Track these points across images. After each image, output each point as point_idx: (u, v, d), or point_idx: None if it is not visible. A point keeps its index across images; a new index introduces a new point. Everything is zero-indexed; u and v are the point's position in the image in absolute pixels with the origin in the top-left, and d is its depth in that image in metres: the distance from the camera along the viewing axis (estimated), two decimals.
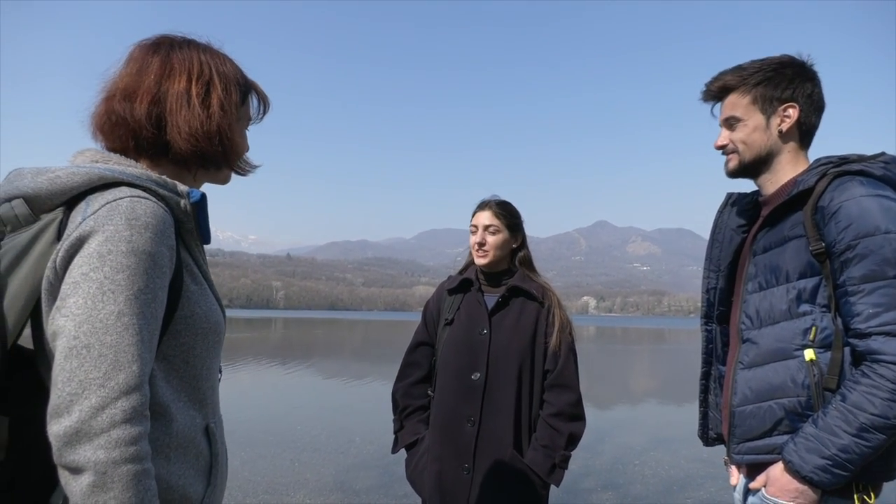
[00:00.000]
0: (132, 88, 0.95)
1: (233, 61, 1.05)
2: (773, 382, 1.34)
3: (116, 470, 0.75)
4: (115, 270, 0.79)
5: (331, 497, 4.72)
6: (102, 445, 0.74)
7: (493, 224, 2.06)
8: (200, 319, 0.94)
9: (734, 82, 1.47)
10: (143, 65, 0.97)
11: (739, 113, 1.46)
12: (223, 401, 1.12)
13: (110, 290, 0.79)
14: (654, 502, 4.77)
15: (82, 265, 0.79)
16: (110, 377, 0.77)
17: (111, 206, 0.83)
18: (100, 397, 0.75)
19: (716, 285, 1.59)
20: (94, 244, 0.80)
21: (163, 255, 0.85)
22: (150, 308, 0.82)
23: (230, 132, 1.01)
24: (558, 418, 1.94)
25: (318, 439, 6.85)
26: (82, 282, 0.79)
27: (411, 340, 2.22)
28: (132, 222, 0.82)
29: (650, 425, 8.41)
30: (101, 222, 0.81)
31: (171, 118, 0.95)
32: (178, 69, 0.97)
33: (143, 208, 0.84)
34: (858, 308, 1.23)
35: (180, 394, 0.93)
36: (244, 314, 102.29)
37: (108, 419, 0.75)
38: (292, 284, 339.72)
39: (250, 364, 16.11)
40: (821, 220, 1.30)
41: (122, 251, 0.80)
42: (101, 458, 0.74)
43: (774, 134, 1.45)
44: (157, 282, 0.84)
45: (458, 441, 1.94)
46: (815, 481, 1.24)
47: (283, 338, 32.76)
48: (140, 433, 0.78)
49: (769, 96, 1.43)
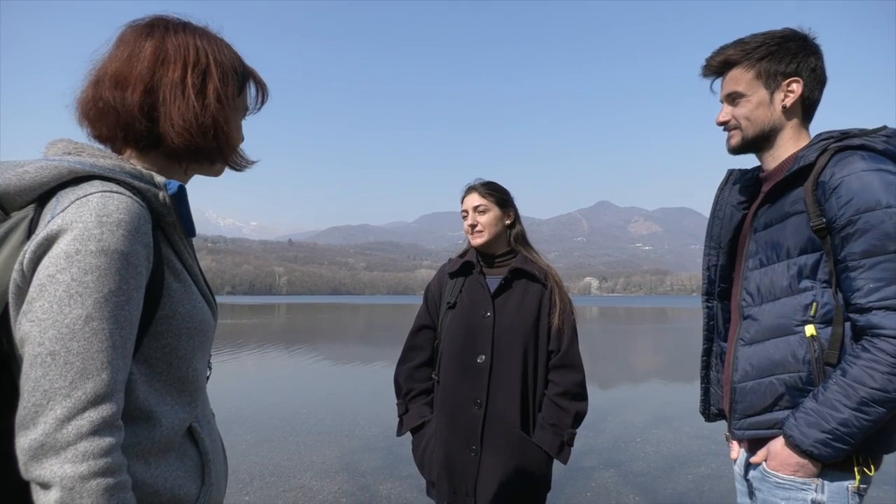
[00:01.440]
0: (123, 75, 0.89)
1: (230, 47, 0.99)
2: (774, 358, 1.35)
3: (85, 485, 0.70)
4: (84, 272, 0.74)
5: (336, 478, 4.78)
6: (69, 459, 0.70)
7: (482, 203, 2.08)
8: (184, 319, 0.89)
9: (737, 56, 1.44)
10: (134, 49, 0.90)
11: (742, 88, 1.44)
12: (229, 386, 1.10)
13: (77, 294, 0.74)
14: (656, 479, 4.82)
15: (49, 267, 0.74)
16: (77, 386, 0.72)
17: (80, 203, 0.78)
18: (65, 408, 0.71)
19: (716, 262, 1.59)
20: (62, 244, 0.75)
21: (138, 253, 0.79)
22: (122, 311, 0.77)
23: (226, 125, 0.95)
24: (564, 397, 1.96)
25: (322, 422, 6.91)
26: (48, 284, 0.74)
27: (413, 324, 2.22)
28: (103, 219, 0.76)
29: (652, 403, 8.46)
30: (70, 220, 0.76)
31: (165, 109, 0.90)
32: (174, 56, 0.91)
33: (114, 204, 0.78)
34: (859, 283, 1.23)
35: (164, 397, 0.88)
36: (247, 300, 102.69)
37: (75, 431, 0.71)
38: (295, 270, 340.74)
39: (255, 349, 16.22)
40: (822, 195, 1.29)
41: (91, 251, 0.75)
42: (67, 473, 0.70)
43: (778, 109, 1.42)
44: (132, 282, 0.78)
45: (464, 423, 1.95)
46: (816, 455, 1.25)
47: (286, 323, 32.93)
48: (111, 445, 0.73)
49: (773, 71, 1.40)
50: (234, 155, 1.01)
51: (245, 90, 1.02)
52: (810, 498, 1.29)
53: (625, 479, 4.79)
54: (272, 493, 4.42)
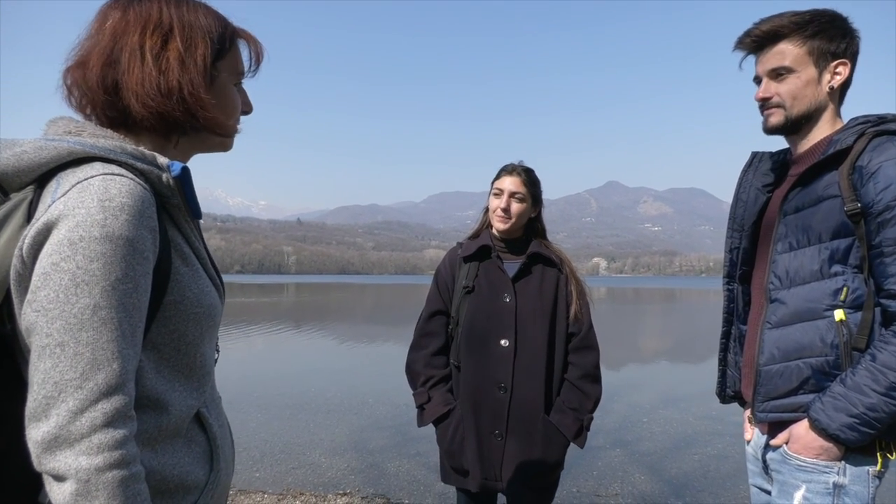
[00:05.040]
0: (87, 51, 0.86)
1: (210, 8, 0.92)
2: (802, 342, 1.33)
3: (100, 477, 0.70)
4: (89, 259, 0.72)
5: (345, 456, 4.84)
6: (84, 451, 0.70)
7: (520, 192, 2.02)
8: (192, 304, 0.87)
9: (787, 29, 1.36)
10: (100, 24, 0.87)
11: (791, 62, 1.37)
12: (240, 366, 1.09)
13: (84, 282, 0.72)
14: (663, 459, 4.84)
15: (52, 254, 0.72)
16: (88, 377, 0.71)
17: (82, 187, 0.75)
18: (78, 400, 0.70)
19: (739, 245, 1.56)
20: (64, 230, 0.72)
21: (143, 238, 0.76)
22: (130, 299, 0.75)
23: (194, 89, 0.88)
24: (585, 380, 1.97)
25: (331, 401, 6.99)
26: (53, 273, 0.72)
27: (424, 309, 2.16)
28: (105, 204, 0.74)
29: (660, 384, 8.47)
30: (71, 205, 0.73)
31: (125, 79, 0.84)
32: (134, 23, 0.86)
33: (117, 187, 0.75)
34: (893, 269, 1.23)
35: (173, 383, 0.87)
36: (257, 280, 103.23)
37: (89, 423, 0.70)
38: (303, 249, 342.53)
39: (265, 329, 16.39)
40: (858, 180, 1.26)
41: (95, 237, 0.72)
42: (83, 465, 0.69)
43: (824, 90, 1.37)
44: (138, 269, 0.76)
45: (490, 408, 1.94)
46: (842, 439, 1.25)
47: (295, 302, 33.22)
48: (124, 436, 0.73)
49: (825, 50, 1.35)
50: (217, 123, 0.93)
51: (232, 53, 0.95)
52: (832, 481, 1.29)
53: (631, 459, 4.81)
54: (282, 470, 4.48)
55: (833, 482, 1.29)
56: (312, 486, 4.09)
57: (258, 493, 3.89)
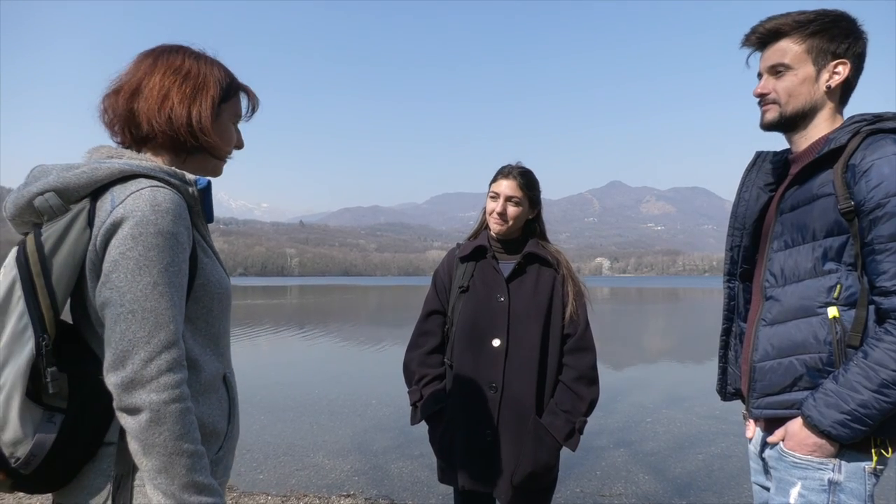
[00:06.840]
0: (121, 83, 1.11)
1: (223, 66, 1.19)
2: (796, 339, 1.34)
3: (167, 408, 0.93)
4: (147, 249, 0.95)
5: (348, 458, 4.85)
6: (154, 389, 0.92)
7: (516, 196, 2.02)
8: (214, 286, 1.11)
9: (789, 27, 1.38)
10: (136, 65, 1.13)
11: (789, 60, 1.39)
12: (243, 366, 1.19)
13: (145, 266, 0.95)
14: (666, 458, 4.84)
15: (119, 246, 0.95)
16: (153, 335, 0.94)
17: (136, 196, 0.98)
18: (147, 352, 0.93)
19: (740, 243, 1.57)
20: (127, 228, 0.95)
21: (182, 234, 1.00)
22: (177, 279, 0.99)
23: (202, 118, 1.12)
24: (580, 382, 1.94)
25: (335, 403, 7.01)
26: (121, 260, 0.94)
27: (423, 309, 2.18)
28: (156, 208, 0.97)
29: (663, 384, 8.46)
30: (130, 209, 0.96)
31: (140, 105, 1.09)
32: (160, 67, 1.12)
33: (162, 196, 0.99)
34: (885, 266, 1.23)
35: (205, 349, 1.10)
36: (260, 282, 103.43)
37: (156, 368, 0.93)
38: (306, 251, 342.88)
39: (268, 331, 16.43)
40: (851, 178, 1.27)
41: (150, 232, 0.96)
42: (154, 400, 0.92)
43: (822, 89, 1.38)
44: (181, 256, 1.00)
45: (480, 407, 1.94)
46: (833, 435, 1.25)
47: (299, 304, 33.25)
48: (181, 379, 0.96)
49: (824, 49, 1.36)
50: (215, 146, 1.17)
51: (233, 99, 1.20)
52: (827, 478, 1.29)
53: (635, 459, 4.81)
54: (285, 471, 4.50)
55: (828, 479, 1.29)
56: (316, 488, 4.10)
57: (262, 494, 3.90)
